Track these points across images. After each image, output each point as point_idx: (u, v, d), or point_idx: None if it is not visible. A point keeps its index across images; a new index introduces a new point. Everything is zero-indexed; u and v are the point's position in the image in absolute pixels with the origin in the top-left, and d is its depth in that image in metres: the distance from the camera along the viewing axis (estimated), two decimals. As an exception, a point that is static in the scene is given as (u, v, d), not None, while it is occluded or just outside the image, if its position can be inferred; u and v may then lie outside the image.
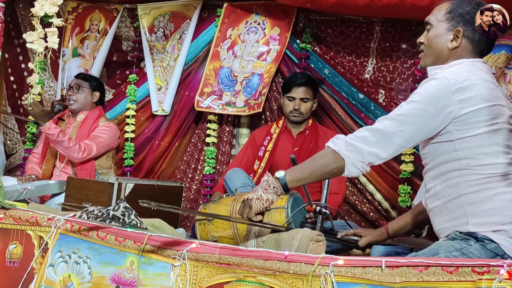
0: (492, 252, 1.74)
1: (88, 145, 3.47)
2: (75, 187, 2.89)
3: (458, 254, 1.75)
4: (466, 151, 1.81)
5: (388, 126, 1.84)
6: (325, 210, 2.43)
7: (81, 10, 4.18)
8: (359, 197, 3.58)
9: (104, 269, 2.02)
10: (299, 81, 3.32)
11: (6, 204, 2.29)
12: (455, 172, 1.83)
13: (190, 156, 3.94)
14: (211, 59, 3.81)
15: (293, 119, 3.35)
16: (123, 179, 2.80)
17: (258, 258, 1.77)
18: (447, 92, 1.80)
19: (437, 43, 1.96)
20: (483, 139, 1.80)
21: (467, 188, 1.81)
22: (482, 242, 1.76)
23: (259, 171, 3.34)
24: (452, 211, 1.85)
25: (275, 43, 3.68)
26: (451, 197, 1.85)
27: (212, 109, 3.74)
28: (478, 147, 1.80)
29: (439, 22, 1.97)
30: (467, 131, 1.80)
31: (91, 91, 3.71)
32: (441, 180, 1.88)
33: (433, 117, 1.81)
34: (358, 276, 1.63)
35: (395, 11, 3.08)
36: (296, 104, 3.31)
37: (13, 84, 4.22)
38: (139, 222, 2.24)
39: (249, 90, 3.67)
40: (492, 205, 1.78)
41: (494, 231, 1.76)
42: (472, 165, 1.80)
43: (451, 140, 1.82)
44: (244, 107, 3.66)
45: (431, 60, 1.99)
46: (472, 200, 1.80)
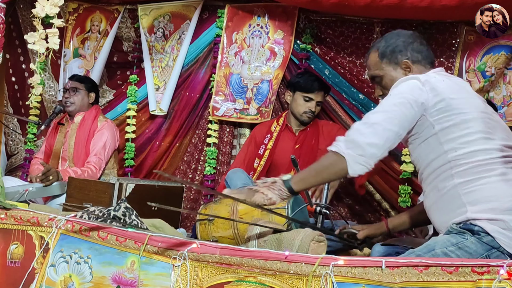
0: (488, 245, 1.76)
1: (97, 163, 3.53)
2: (76, 187, 2.89)
3: (454, 248, 1.77)
4: (451, 143, 1.87)
5: (376, 117, 1.93)
6: (325, 210, 2.44)
7: (82, 11, 4.19)
8: (358, 197, 3.58)
9: (105, 269, 2.02)
10: (320, 86, 3.32)
11: (7, 205, 2.29)
12: (445, 165, 1.88)
13: (190, 156, 3.95)
14: (220, 66, 3.81)
15: (305, 120, 3.34)
16: (124, 180, 2.80)
17: (259, 258, 1.78)
18: (418, 84, 1.92)
19: (390, 78, 2.09)
20: (463, 129, 1.87)
21: (460, 178, 1.85)
22: (478, 235, 1.77)
23: (259, 169, 3.35)
24: (449, 202, 1.87)
25: (280, 47, 3.70)
26: (446, 189, 1.88)
27: (227, 117, 3.77)
28: (461, 137, 1.86)
29: (383, 69, 2.11)
30: (444, 120, 1.88)
31: (87, 92, 3.72)
32: (433, 176, 1.92)
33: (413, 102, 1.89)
34: (358, 276, 1.63)
35: (395, 12, 3.08)
36: (313, 106, 3.30)
37: (14, 84, 4.23)
38: (139, 223, 2.25)
39: (260, 97, 3.72)
40: (488, 192, 1.82)
41: (490, 220, 1.78)
42: (458, 154, 1.86)
43: (435, 134, 1.89)
44: (257, 115, 3.71)
45: (385, 89, 2.12)
46: (468, 189, 1.83)
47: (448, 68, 3.29)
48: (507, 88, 3.22)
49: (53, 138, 3.73)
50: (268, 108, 3.67)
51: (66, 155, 3.64)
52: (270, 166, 3.34)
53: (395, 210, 3.41)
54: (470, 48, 3.29)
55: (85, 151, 3.59)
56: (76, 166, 3.52)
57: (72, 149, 3.61)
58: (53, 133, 3.75)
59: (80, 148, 3.60)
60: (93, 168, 3.48)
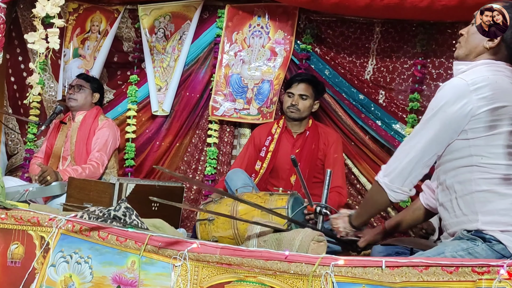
0: (499, 253, 1.74)
1: (99, 158, 3.53)
2: (76, 187, 2.89)
3: (465, 254, 1.75)
4: (479, 149, 1.83)
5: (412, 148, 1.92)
6: (325, 211, 2.44)
7: (82, 11, 4.19)
8: (358, 198, 3.58)
9: (105, 269, 2.03)
10: (300, 78, 3.36)
11: (7, 205, 2.29)
12: (466, 167, 1.85)
13: (190, 156, 3.95)
14: (220, 66, 3.82)
15: (290, 115, 3.35)
16: (124, 180, 2.80)
17: (259, 258, 1.78)
18: (465, 92, 1.82)
19: (475, 38, 1.96)
20: (497, 139, 1.82)
21: (480, 186, 1.82)
22: (489, 242, 1.76)
23: (261, 172, 3.35)
24: (462, 207, 1.86)
25: (280, 47, 3.70)
26: (462, 193, 1.86)
27: (227, 117, 3.77)
28: (491, 146, 1.82)
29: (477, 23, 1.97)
30: (482, 130, 1.82)
31: (92, 92, 3.74)
32: (452, 174, 1.90)
33: (453, 120, 1.84)
34: (359, 276, 1.63)
35: (395, 12, 3.08)
36: (294, 100, 3.32)
37: (13, 84, 4.23)
38: (140, 223, 2.25)
39: (261, 97, 3.71)
40: (504, 205, 1.79)
41: (502, 231, 1.76)
42: (483, 163, 1.82)
43: (466, 139, 1.85)
44: (258, 115, 3.70)
45: (464, 53, 2.00)
46: (485, 198, 1.81)
47: (448, 68, 3.29)
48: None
49: (54, 137, 3.73)
50: (270, 109, 3.67)
51: (67, 154, 3.65)
52: (272, 168, 3.34)
53: (395, 210, 3.41)
54: (470, 48, 3.29)
55: (86, 150, 3.59)
56: (77, 165, 3.53)
57: (74, 148, 3.62)
58: (55, 133, 3.75)
59: (81, 147, 3.60)
60: (95, 164, 3.48)
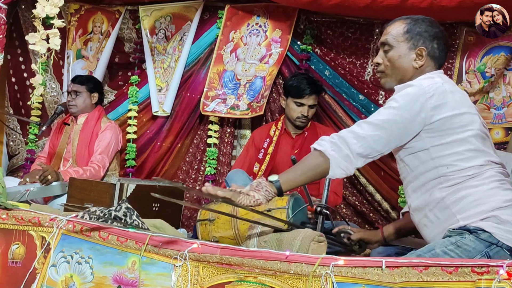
0: (486, 242, 1.78)
1: (100, 161, 3.52)
2: (77, 187, 2.90)
3: (454, 247, 1.78)
4: (442, 159, 1.88)
5: (365, 130, 1.92)
6: (325, 211, 2.44)
7: (84, 12, 4.19)
8: (359, 198, 3.58)
9: (106, 269, 2.03)
10: (310, 89, 3.28)
11: (8, 205, 2.30)
12: (434, 180, 1.90)
13: (192, 157, 3.95)
14: (215, 63, 3.82)
15: (300, 124, 3.34)
16: (125, 180, 2.81)
17: (259, 258, 1.78)
18: (422, 98, 1.87)
19: (401, 63, 2.04)
20: (456, 146, 1.87)
21: (447, 190, 1.87)
22: (476, 233, 1.79)
23: (260, 174, 3.34)
24: (439, 216, 1.90)
25: (276, 45, 3.70)
26: (435, 203, 1.90)
27: (217, 112, 3.76)
28: (453, 154, 1.87)
29: (399, 43, 2.05)
30: (440, 138, 1.88)
31: (89, 94, 3.72)
32: (422, 191, 1.94)
33: (407, 123, 1.88)
34: (358, 276, 1.64)
35: (395, 13, 3.05)
36: (305, 111, 3.29)
37: (14, 85, 4.23)
38: (140, 223, 2.25)
39: (252, 93, 3.69)
40: (475, 197, 1.84)
41: (482, 219, 1.80)
42: (449, 171, 1.87)
43: (426, 149, 1.89)
44: (247, 110, 3.67)
45: (397, 80, 2.07)
46: (454, 198, 1.86)
47: (448, 69, 3.30)
48: (506, 89, 3.23)
49: (57, 138, 3.74)
50: (260, 103, 3.62)
51: (69, 156, 3.65)
52: (271, 170, 3.33)
53: (395, 211, 3.41)
54: (470, 49, 3.30)
55: (88, 152, 3.59)
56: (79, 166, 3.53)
57: (75, 150, 3.62)
58: (57, 133, 3.76)
59: (83, 149, 3.61)
60: (96, 167, 3.47)
